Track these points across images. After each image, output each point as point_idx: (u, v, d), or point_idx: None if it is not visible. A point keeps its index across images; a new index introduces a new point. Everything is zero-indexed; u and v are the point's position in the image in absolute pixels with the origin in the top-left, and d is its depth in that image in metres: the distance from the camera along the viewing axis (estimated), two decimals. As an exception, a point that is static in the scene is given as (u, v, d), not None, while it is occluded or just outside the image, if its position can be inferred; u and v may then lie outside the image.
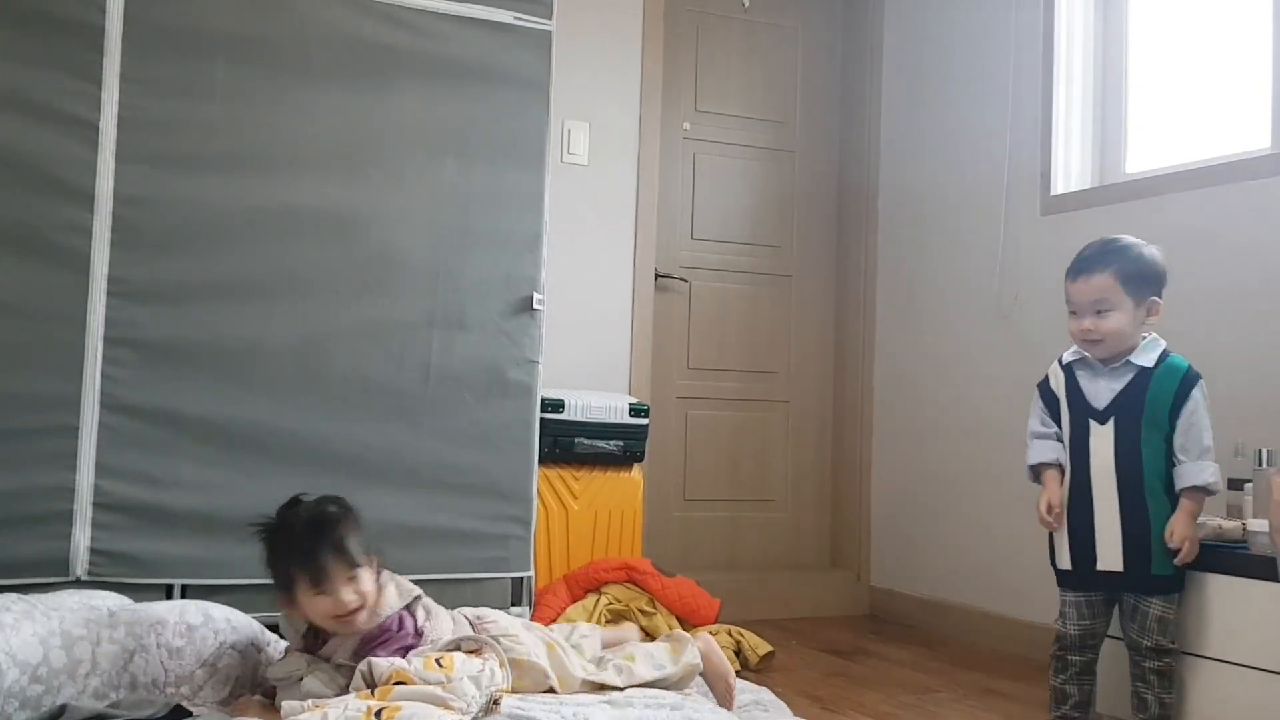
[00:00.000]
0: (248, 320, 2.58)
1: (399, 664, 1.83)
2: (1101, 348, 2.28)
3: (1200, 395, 2.27)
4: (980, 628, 3.61)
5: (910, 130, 4.09)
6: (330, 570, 1.89)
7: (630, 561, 3.11)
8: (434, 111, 2.78)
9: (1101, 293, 2.25)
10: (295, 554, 1.91)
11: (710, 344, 4.15)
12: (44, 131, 2.41)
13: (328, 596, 1.89)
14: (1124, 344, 2.28)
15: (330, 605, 1.90)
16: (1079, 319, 2.29)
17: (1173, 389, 2.25)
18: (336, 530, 1.92)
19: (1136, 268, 2.28)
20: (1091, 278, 2.27)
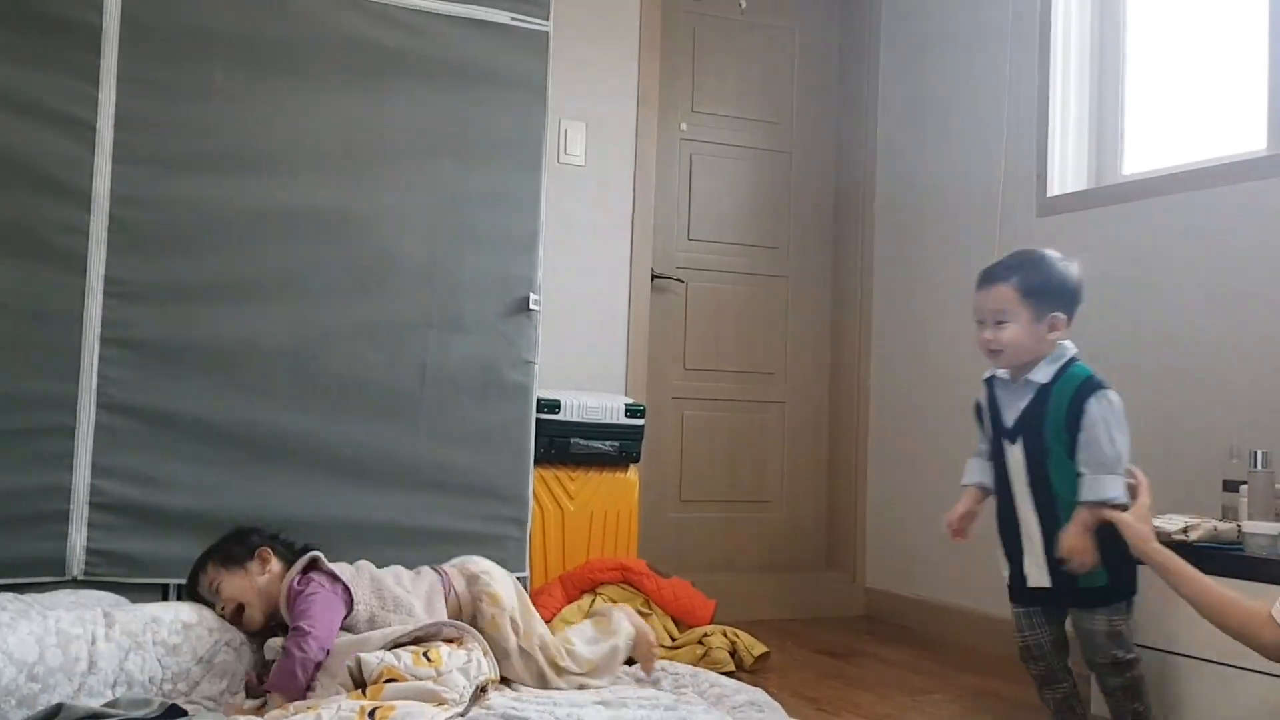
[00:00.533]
0: (244, 321, 2.58)
1: (389, 660, 1.84)
2: (1001, 359, 2.25)
3: (1099, 405, 2.18)
4: (976, 629, 3.61)
5: (906, 132, 4.10)
6: (197, 592, 2.22)
7: (626, 562, 3.11)
8: (431, 112, 2.78)
9: (1000, 303, 2.21)
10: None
11: (706, 345, 4.16)
12: (41, 132, 2.42)
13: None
14: (1023, 357, 2.23)
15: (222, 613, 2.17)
16: (981, 329, 2.25)
17: (1066, 403, 2.20)
18: (204, 560, 2.24)
19: (1040, 281, 2.23)
20: (992, 288, 2.23)
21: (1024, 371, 2.24)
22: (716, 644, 2.98)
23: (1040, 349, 2.23)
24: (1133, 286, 3.18)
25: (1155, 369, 3.10)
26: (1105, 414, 2.18)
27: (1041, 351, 2.23)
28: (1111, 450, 2.15)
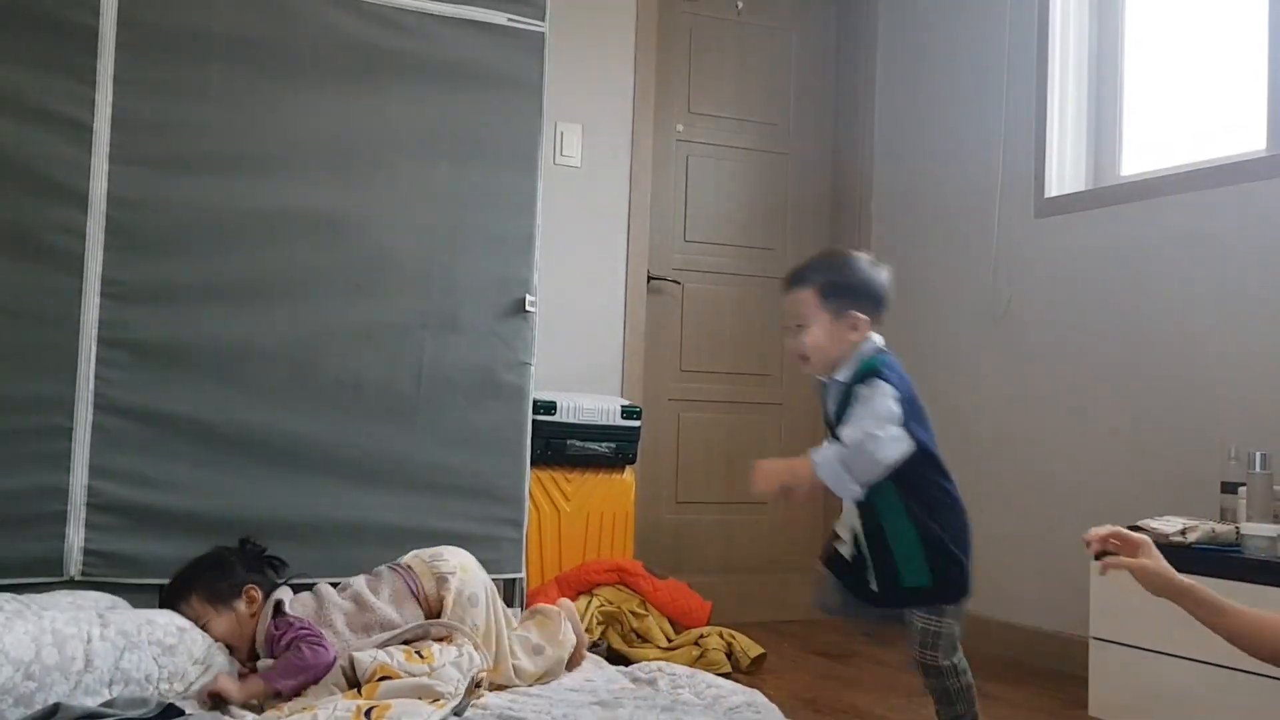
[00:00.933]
0: (241, 321, 2.58)
1: (381, 658, 1.85)
2: (809, 365, 2.18)
3: (867, 388, 2.09)
4: (972, 632, 3.59)
5: (904, 133, 4.10)
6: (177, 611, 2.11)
7: (622, 563, 3.11)
8: (427, 113, 2.78)
9: (799, 308, 2.14)
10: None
11: (703, 346, 4.16)
12: (37, 133, 2.42)
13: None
14: (829, 357, 2.16)
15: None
16: (791, 337, 2.18)
17: (847, 393, 2.13)
18: (177, 605, 2.11)
19: (838, 279, 2.16)
20: (791, 293, 2.16)
21: (833, 372, 2.18)
22: (713, 645, 2.98)
23: (843, 349, 2.16)
24: (1131, 287, 3.18)
25: (1154, 370, 3.10)
26: (879, 390, 2.10)
27: (845, 352, 2.17)
28: (870, 417, 2.07)
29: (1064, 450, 3.35)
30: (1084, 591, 2.64)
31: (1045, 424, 3.42)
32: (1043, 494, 3.41)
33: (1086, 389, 3.29)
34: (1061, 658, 3.23)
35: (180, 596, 2.11)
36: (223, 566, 2.15)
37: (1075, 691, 2.89)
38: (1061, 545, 3.29)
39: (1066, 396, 3.35)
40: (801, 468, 2.04)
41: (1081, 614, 2.69)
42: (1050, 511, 3.37)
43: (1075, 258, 3.37)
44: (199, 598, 2.10)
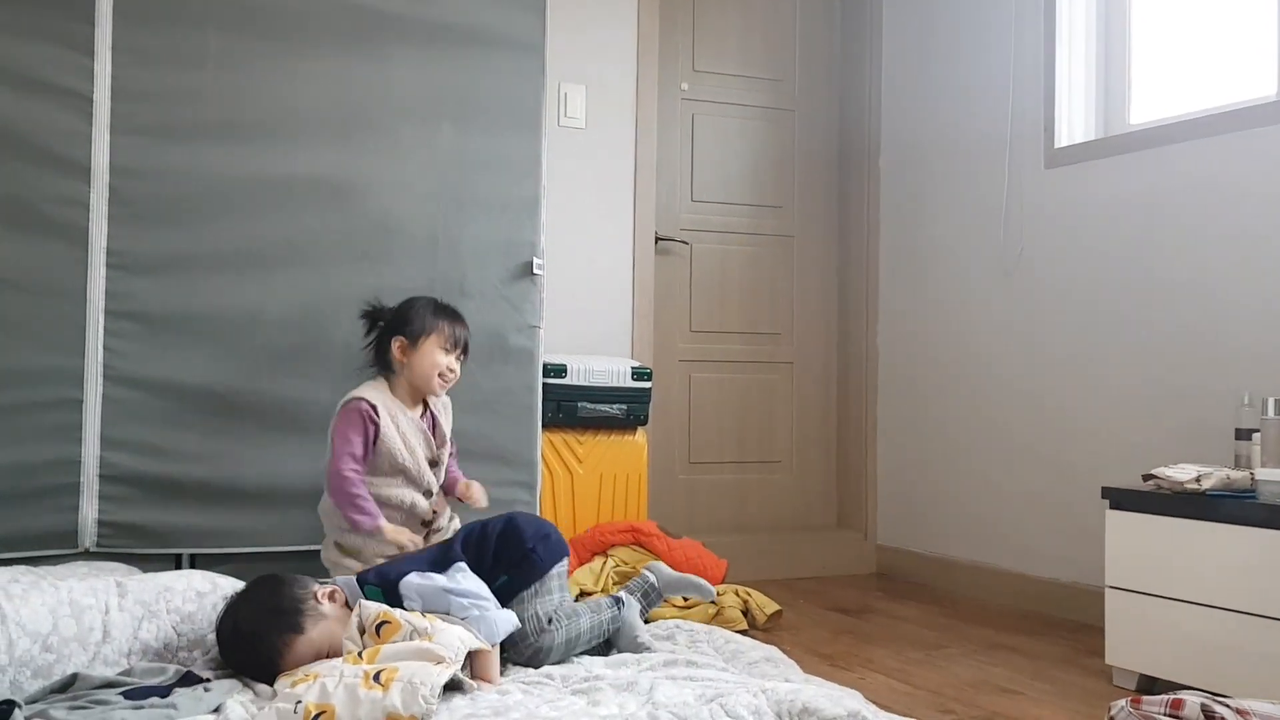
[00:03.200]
0: (248, 290, 2.58)
1: (384, 607, 1.87)
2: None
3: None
4: (987, 583, 3.62)
5: (912, 85, 4.06)
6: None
7: (636, 524, 3.11)
8: (429, 77, 2.75)
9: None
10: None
11: (712, 307, 4.14)
12: (37, 104, 2.40)
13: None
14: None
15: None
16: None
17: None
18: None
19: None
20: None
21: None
22: (729, 603, 2.99)
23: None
24: (1143, 236, 3.15)
25: (1167, 318, 3.08)
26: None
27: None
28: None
29: (1077, 400, 3.33)
30: (1099, 541, 2.64)
31: (1058, 375, 3.40)
32: (1056, 445, 3.40)
33: (1099, 338, 3.27)
34: (1078, 608, 3.23)
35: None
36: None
37: (1092, 641, 2.89)
38: (1076, 496, 3.29)
39: (1079, 346, 3.33)
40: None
41: (1097, 564, 2.69)
42: (1064, 462, 3.36)
43: (1086, 208, 3.34)
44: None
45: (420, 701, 1.63)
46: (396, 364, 2.41)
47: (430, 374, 2.40)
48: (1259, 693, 2.12)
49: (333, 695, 1.64)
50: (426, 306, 2.45)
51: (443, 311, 2.46)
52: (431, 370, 2.39)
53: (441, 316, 2.44)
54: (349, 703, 1.63)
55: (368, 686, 1.65)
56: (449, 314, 2.47)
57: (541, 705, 1.72)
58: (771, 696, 1.68)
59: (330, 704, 1.62)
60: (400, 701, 1.62)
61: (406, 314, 2.44)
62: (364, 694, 1.64)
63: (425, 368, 2.39)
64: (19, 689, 1.75)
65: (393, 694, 1.63)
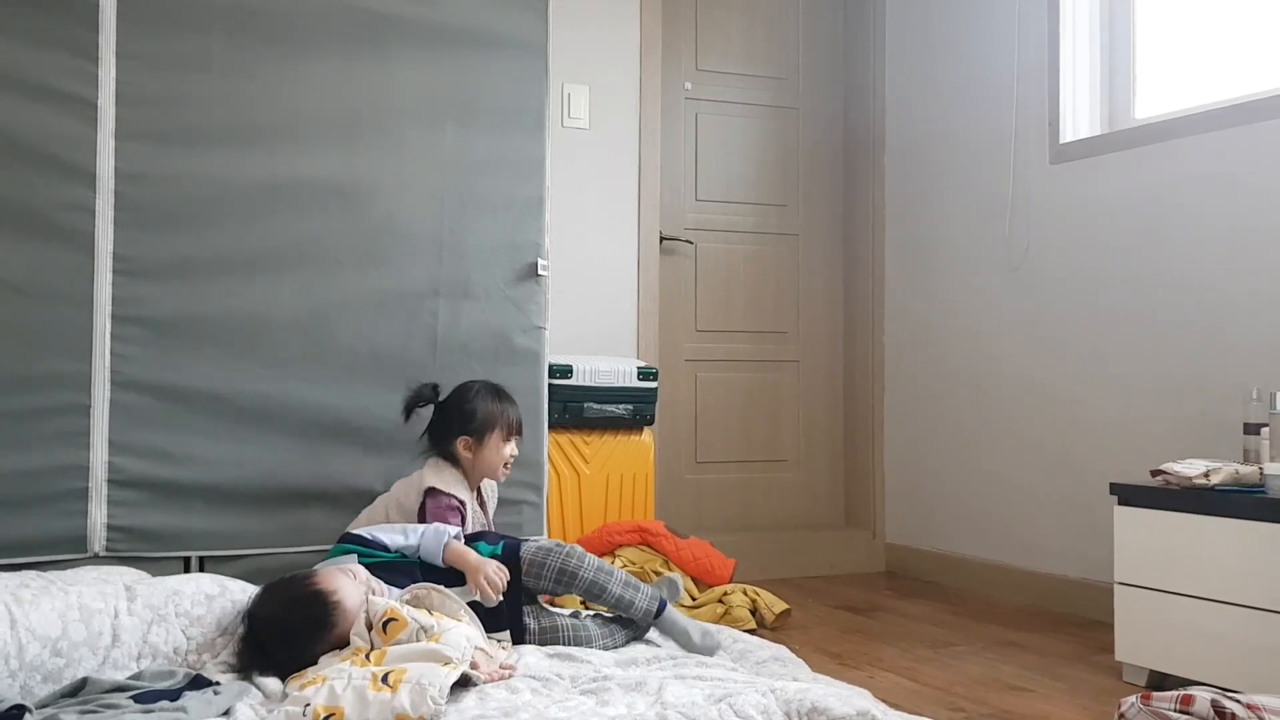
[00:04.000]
0: (254, 294, 2.58)
1: (393, 604, 1.87)
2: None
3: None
4: (996, 581, 3.61)
5: (916, 82, 4.05)
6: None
7: (643, 524, 3.11)
8: (433, 78, 2.76)
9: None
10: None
11: (718, 306, 4.14)
12: (43, 110, 2.40)
13: None
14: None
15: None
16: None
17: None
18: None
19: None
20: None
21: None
22: (737, 602, 2.99)
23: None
24: (1150, 231, 3.15)
25: (1174, 313, 3.07)
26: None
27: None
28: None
29: (1085, 397, 3.33)
30: (1108, 537, 2.63)
31: (1066, 371, 3.39)
32: (1064, 441, 3.39)
33: (1107, 334, 3.26)
34: (1087, 604, 3.22)
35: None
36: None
37: (1101, 637, 2.89)
38: (1084, 492, 3.28)
39: (1087, 342, 3.33)
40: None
41: (1105, 559, 2.68)
42: (1072, 459, 3.36)
43: (1092, 203, 3.33)
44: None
45: (429, 702, 1.63)
46: (462, 459, 2.48)
47: (498, 466, 2.50)
48: (1270, 688, 2.11)
49: (341, 697, 1.64)
50: (485, 398, 2.49)
51: (499, 398, 2.51)
52: (499, 463, 2.49)
53: (499, 404, 2.49)
54: (358, 704, 1.63)
55: (376, 688, 1.65)
56: (505, 399, 2.52)
57: (550, 705, 1.72)
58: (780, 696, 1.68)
59: (339, 706, 1.63)
60: (409, 703, 1.63)
61: (467, 410, 2.47)
62: (373, 696, 1.64)
63: (494, 462, 2.48)
64: (29, 693, 1.76)
65: (401, 695, 1.64)
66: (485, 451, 2.46)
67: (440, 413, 2.50)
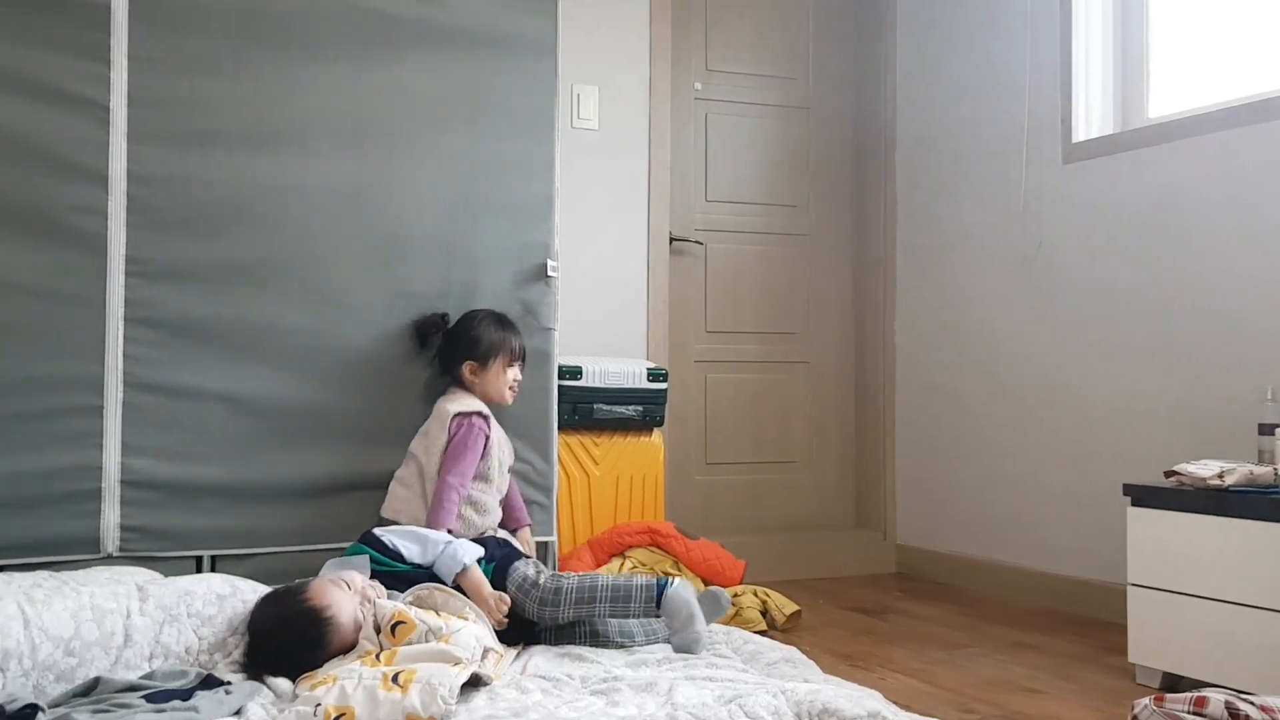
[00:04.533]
0: (265, 297, 2.58)
1: (400, 607, 1.88)
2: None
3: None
4: (1008, 582, 3.60)
5: (927, 81, 4.04)
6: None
7: (653, 525, 3.11)
8: (441, 81, 2.76)
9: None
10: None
11: (728, 307, 4.13)
12: (55, 113, 2.41)
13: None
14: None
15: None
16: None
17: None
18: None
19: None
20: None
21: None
22: (747, 604, 2.99)
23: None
24: (1163, 231, 3.13)
25: (1188, 314, 3.05)
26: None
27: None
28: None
29: (1098, 397, 3.31)
30: (1121, 538, 2.62)
31: (1079, 371, 3.38)
32: (1077, 441, 3.38)
33: (1119, 334, 3.25)
34: (1099, 606, 3.21)
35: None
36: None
37: (1114, 638, 2.87)
38: (1097, 493, 3.27)
39: (1100, 342, 3.31)
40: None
41: (1119, 561, 2.67)
42: (1085, 459, 3.34)
43: (1105, 202, 3.32)
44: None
45: (439, 702, 1.63)
46: (468, 382, 2.60)
47: (503, 389, 2.61)
48: (1284, 689, 2.10)
49: (352, 697, 1.64)
50: (488, 325, 2.61)
51: (502, 325, 2.63)
52: (504, 386, 2.61)
53: (502, 330, 2.61)
54: (368, 704, 1.63)
55: (386, 688, 1.65)
56: (508, 327, 2.64)
57: (560, 706, 1.72)
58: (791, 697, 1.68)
59: (350, 706, 1.63)
60: (419, 702, 1.63)
61: (472, 335, 2.59)
62: (383, 695, 1.64)
63: (499, 385, 2.60)
64: (42, 693, 1.77)
65: (411, 695, 1.64)
66: (489, 375, 2.59)
67: (447, 339, 2.63)
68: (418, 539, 2.23)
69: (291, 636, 1.92)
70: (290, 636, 1.92)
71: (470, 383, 2.60)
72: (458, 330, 2.62)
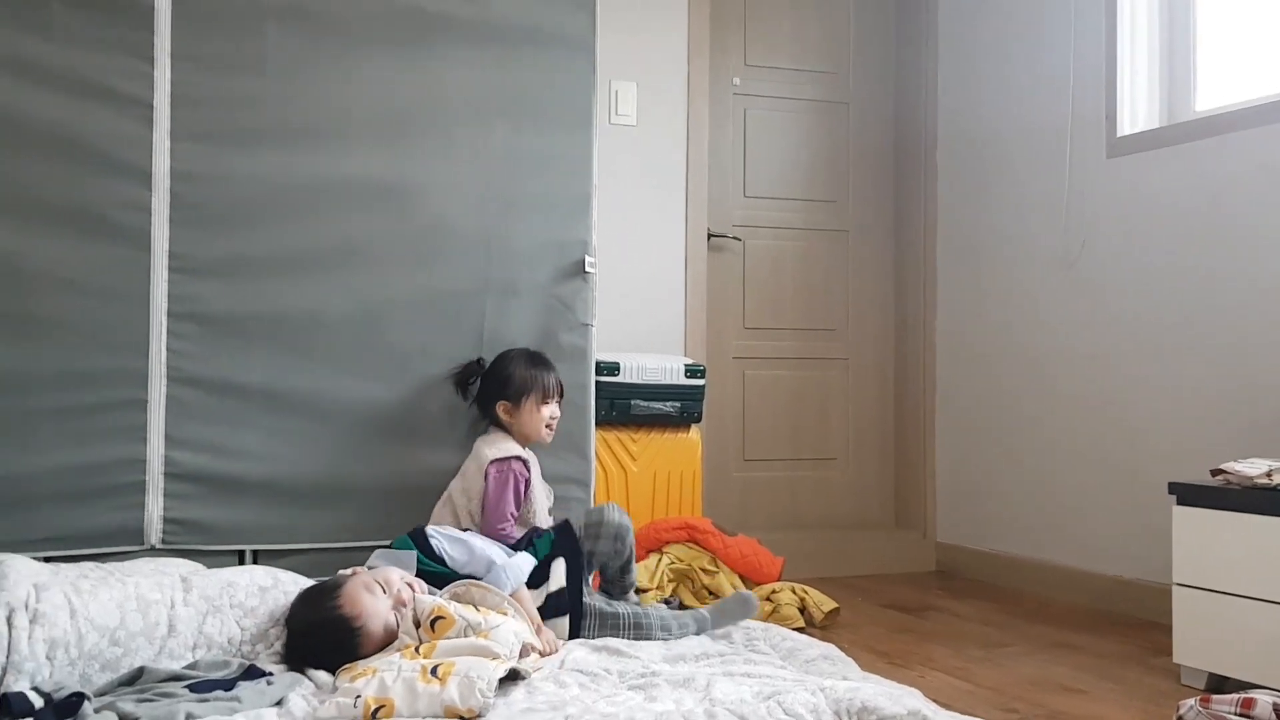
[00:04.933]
0: (306, 292, 2.61)
1: (440, 601, 1.89)
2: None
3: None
4: (1050, 581, 3.55)
5: (969, 75, 4.00)
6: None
7: (691, 521, 3.10)
8: (481, 76, 2.77)
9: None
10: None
11: (766, 303, 4.12)
12: (100, 111, 2.45)
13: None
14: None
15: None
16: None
17: None
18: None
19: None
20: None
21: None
22: (785, 600, 2.97)
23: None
24: (1210, 226, 3.08)
25: (1235, 310, 3.00)
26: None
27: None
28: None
29: (1142, 394, 3.26)
30: (1166, 538, 2.58)
31: (1123, 368, 3.33)
32: (1121, 440, 3.33)
33: (1165, 330, 3.20)
34: (1144, 606, 3.17)
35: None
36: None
37: (1159, 639, 2.83)
38: (1142, 491, 3.22)
39: (1144, 339, 3.26)
40: None
41: (1164, 560, 2.63)
42: (1129, 457, 3.29)
43: (1150, 197, 3.27)
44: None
45: (477, 695, 1.64)
46: (505, 423, 2.59)
47: (539, 428, 2.59)
48: (1335, 693, 2.06)
49: (391, 689, 1.65)
50: (519, 363, 2.60)
51: (534, 363, 2.61)
52: (539, 425, 2.59)
53: (534, 368, 2.59)
54: (407, 696, 1.64)
55: (425, 681, 1.66)
56: (541, 364, 2.62)
57: (599, 700, 1.72)
58: (830, 695, 1.67)
59: (389, 698, 1.64)
60: (458, 695, 1.64)
61: (504, 375, 2.59)
62: (422, 688, 1.65)
63: (534, 423, 2.58)
64: (88, 682, 1.79)
65: (450, 688, 1.65)
66: (523, 414, 2.57)
67: (483, 381, 2.63)
68: (466, 549, 2.23)
69: (323, 639, 1.93)
70: (322, 640, 1.93)
71: (507, 424, 2.58)
72: (491, 371, 2.62)
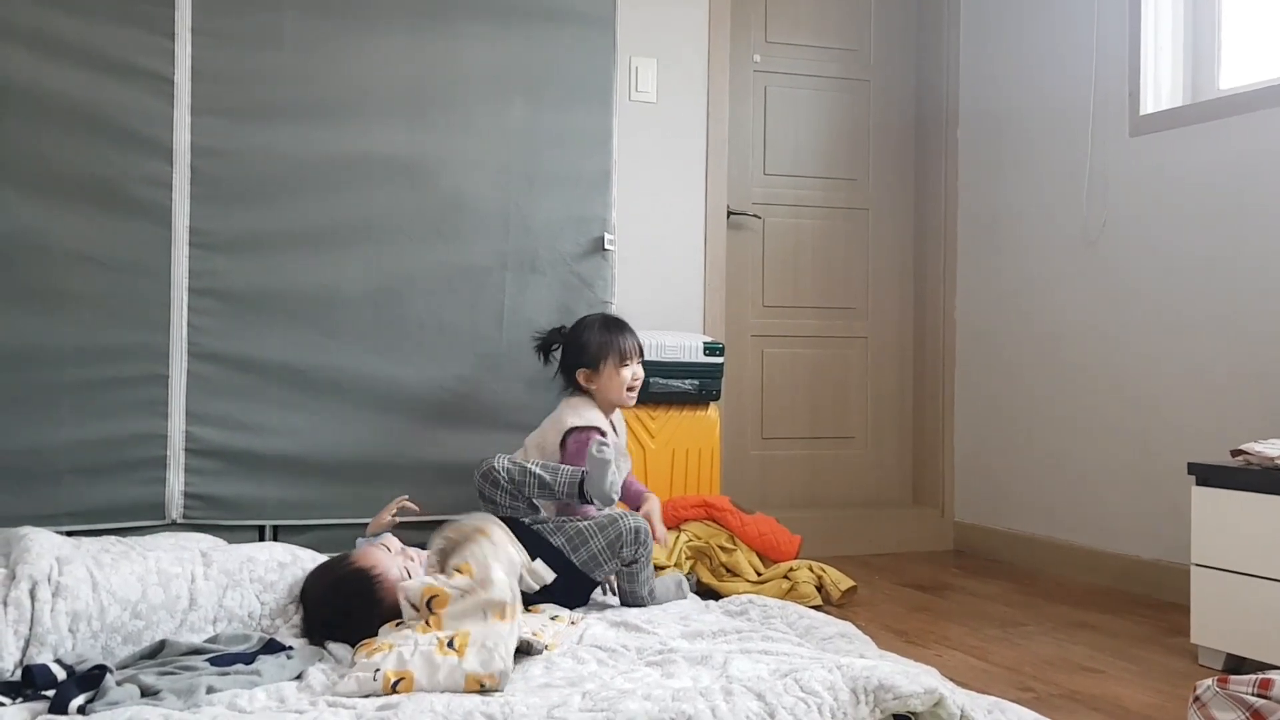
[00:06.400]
0: (325, 268, 2.62)
1: (428, 581, 1.88)
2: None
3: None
4: (1068, 560, 3.55)
5: (990, 53, 3.96)
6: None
7: (709, 499, 3.11)
8: (500, 53, 2.76)
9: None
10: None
11: (785, 281, 4.10)
12: (121, 87, 2.46)
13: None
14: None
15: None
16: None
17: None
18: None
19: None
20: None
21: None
22: (803, 578, 2.97)
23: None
24: (1233, 205, 3.05)
25: (1257, 290, 2.97)
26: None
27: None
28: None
29: (1163, 374, 3.24)
30: (1184, 518, 2.57)
31: (1143, 347, 3.31)
32: (1141, 419, 3.31)
33: (1185, 310, 3.17)
34: (1162, 586, 3.15)
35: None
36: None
37: (1176, 619, 2.82)
38: (1161, 472, 3.20)
39: (1165, 318, 3.24)
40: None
41: (1182, 541, 2.62)
42: (1148, 437, 3.28)
43: (1173, 177, 3.23)
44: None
45: (498, 660, 1.65)
46: (587, 389, 2.58)
47: (620, 392, 2.58)
48: (1355, 675, 2.04)
49: (410, 662, 1.67)
50: (594, 329, 2.58)
51: (610, 327, 2.59)
52: (620, 388, 2.58)
53: (609, 333, 2.57)
54: (426, 668, 1.65)
55: (443, 653, 1.68)
56: (617, 327, 2.60)
57: (616, 676, 1.73)
58: (847, 672, 1.67)
59: (409, 670, 1.65)
60: (479, 662, 1.65)
61: (580, 341, 2.57)
62: (440, 659, 1.66)
63: (615, 387, 2.57)
64: (110, 654, 1.82)
65: (469, 657, 1.66)
66: (602, 379, 2.55)
67: (564, 350, 2.61)
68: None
69: (346, 597, 1.95)
70: (344, 597, 1.95)
71: (589, 390, 2.57)
72: (569, 338, 2.61)
